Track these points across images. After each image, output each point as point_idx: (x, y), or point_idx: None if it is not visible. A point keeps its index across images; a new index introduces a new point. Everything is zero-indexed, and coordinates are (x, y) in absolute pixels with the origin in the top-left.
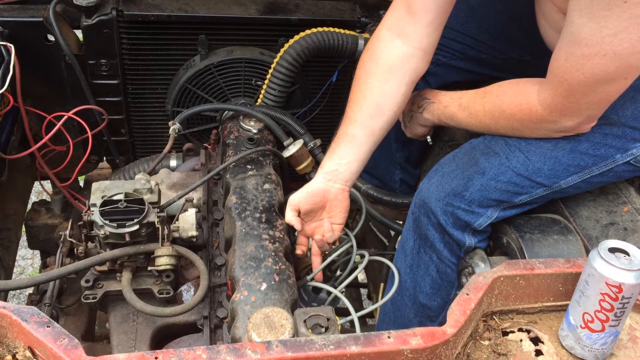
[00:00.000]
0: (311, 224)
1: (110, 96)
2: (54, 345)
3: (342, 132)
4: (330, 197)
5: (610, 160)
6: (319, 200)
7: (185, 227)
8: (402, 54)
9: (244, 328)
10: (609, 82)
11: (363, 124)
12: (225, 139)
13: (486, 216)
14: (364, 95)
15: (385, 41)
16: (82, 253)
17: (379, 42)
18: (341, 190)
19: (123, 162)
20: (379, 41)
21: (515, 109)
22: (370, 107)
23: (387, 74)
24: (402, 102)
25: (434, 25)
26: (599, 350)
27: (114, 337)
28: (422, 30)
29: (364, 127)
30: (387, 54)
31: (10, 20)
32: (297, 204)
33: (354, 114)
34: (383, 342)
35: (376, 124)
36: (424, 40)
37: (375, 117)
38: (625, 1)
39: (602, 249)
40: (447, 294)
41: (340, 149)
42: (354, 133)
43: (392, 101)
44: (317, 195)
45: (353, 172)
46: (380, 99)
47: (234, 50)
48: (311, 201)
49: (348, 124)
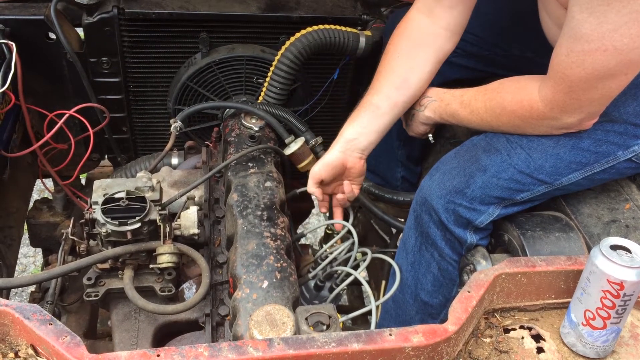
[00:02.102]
0: (331, 185)
1: (111, 94)
2: (56, 343)
3: (365, 102)
4: (349, 166)
5: (612, 157)
6: (339, 170)
7: (187, 225)
8: (430, 32)
9: (245, 325)
10: (610, 77)
11: (388, 95)
12: (227, 137)
13: (488, 214)
14: (391, 68)
15: (414, 20)
16: (84, 251)
17: (409, 21)
18: (358, 159)
19: (125, 160)
20: (409, 20)
21: (517, 106)
22: (397, 79)
23: (414, 49)
24: (427, 79)
25: (459, 8)
26: (600, 347)
27: (116, 334)
28: (448, 13)
29: (388, 98)
30: (416, 31)
31: (12, 18)
32: (319, 176)
33: (380, 85)
34: (385, 339)
35: (400, 97)
36: (450, 22)
37: (401, 90)
38: None
39: (603, 247)
40: (448, 291)
41: (362, 118)
42: (378, 103)
43: (419, 77)
44: (336, 167)
45: (371, 142)
46: (407, 72)
47: (235, 48)
48: (331, 172)
49: (373, 94)
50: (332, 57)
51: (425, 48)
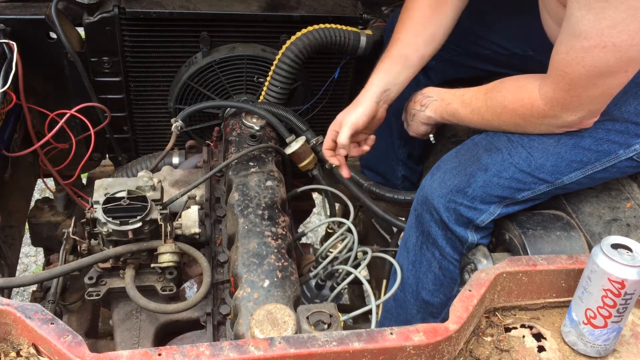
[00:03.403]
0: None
1: (112, 93)
2: (58, 342)
3: (394, 53)
4: (378, 116)
5: (613, 156)
6: (371, 119)
7: (188, 224)
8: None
9: (246, 325)
10: (610, 75)
11: (417, 48)
12: (228, 136)
13: (489, 212)
14: (420, 22)
15: None
16: (85, 250)
17: None
18: (385, 109)
19: (125, 159)
20: None
21: (517, 104)
22: (426, 34)
23: (441, 5)
24: (447, 35)
25: None
26: (601, 346)
27: (117, 333)
28: None
29: (417, 50)
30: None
31: (13, 18)
32: (356, 124)
33: (409, 38)
34: (386, 338)
35: (428, 51)
36: None
37: (429, 44)
38: None
39: (604, 245)
40: (449, 290)
41: (393, 69)
42: (408, 55)
43: (444, 32)
44: (371, 115)
45: (398, 94)
46: (435, 28)
47: (235, 47)
48: (366, 121)
49: (402, 46)
50: (332, 56)
51: (448, 6)
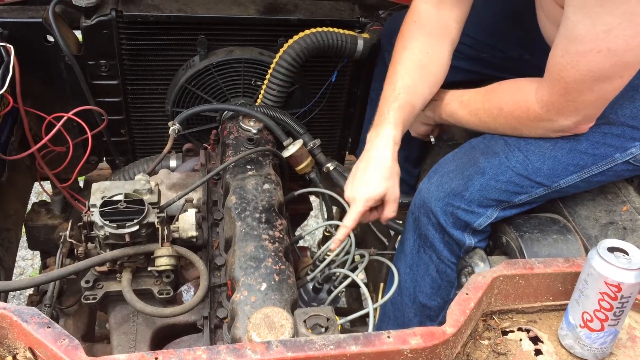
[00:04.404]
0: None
1: (109, 97)
2: (55, 346)
3: (403, 103)
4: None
5: (610, 160)
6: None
7: (185, 228)
8: (444, 25)
9: (244, 328)
10: (605, 80)
11: (423, 94)
12: (225, 139)
13: (486, 216)
14: (421, 65)
15: (426, 12)
16: (82, 254)
17: (421, 13)
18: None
19: (123, 162)
20: (420, 12)
21: (513, 107)
22: (430, 78)
23: (438, 44)
24: (446, 71)
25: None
26: (598, 349)
27: (114, 337)
28: (456, 4)
29: (423, 97)
30: (434, 24)
31: (10, 21)
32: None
33: (414, 84)
34: (383, 341)
35: (431, 95)
36: (458, 14)
37: (433, 88)
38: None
39: (601, 249)
40: (446, 293)
41: (405, 120)
42: (415, 104)
43: (444, 72)
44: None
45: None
46: (437, 70)
47: (233, 51)
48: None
49: (409, 94)
50: (330, 59)
51: (446, 41)
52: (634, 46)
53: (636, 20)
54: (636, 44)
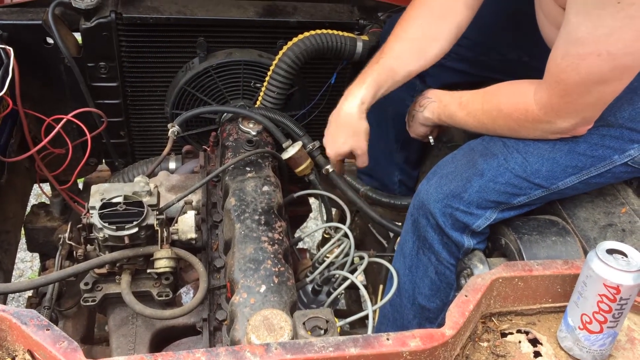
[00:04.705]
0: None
1: (109, 99)
2: (54, 348)
3: (383, 65)
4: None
5: (608, 162)
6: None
7: (185, 230)
8: (450, 6)
9: (243, 330)
10: (604, 82)
11: (407, 63)
12: (224, 141)
13: (485, 217)
14: (413, 36)
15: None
16: (81, 256)
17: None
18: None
19: (122, 164)
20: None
21: (512, 109)
22: (417, 49)
23: (437, 21)
24: (443, 54)
25: None
26: (597, 351)
27: (113, 339)
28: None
29: (406, 66)
30: (437, 2)
31: (10, 23)
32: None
33: (400, 51)
34: (382, 344)
35: (416, 67)
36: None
37: (419, 61)
38: (618, 1)
39: (600, 251)
40: (445, 295)
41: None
42: (396, 69)
43: (437, 50)
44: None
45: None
46: (427, 44)
47: (232, 53)
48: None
49: (391, 58)
50: (329, 61)
51: (447, 21)
52: (634, 50)
53: (637, 25)
54: (636, 48)
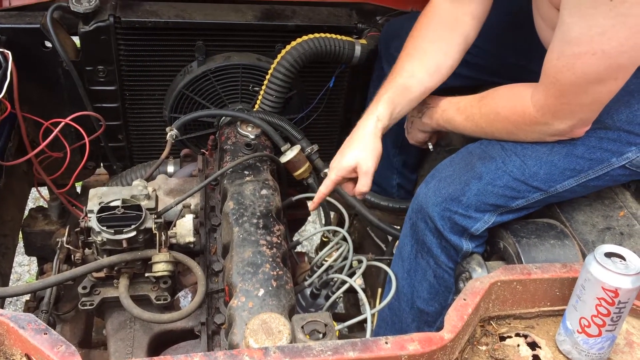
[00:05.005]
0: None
1: (107, 102)
2: (51, 353)
3: (398, 84)
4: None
5: (606, 164)
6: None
7: (183, 233)
8: (457, 18)
9: (241, 334)
10: (600, 82)
11: (421, 80)
12: (223, 145)
13: (483, 221)
14: (424, 51)
15: (440, 6)
16: (79, 260)
17: (435, 6)
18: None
19: (120, 168)
20: (435, 5)
21: (510, 112)
22: (431, 64)
23: (447, 34)
24: (455, 66)
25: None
26: (596, 355)
27: (111, 344)
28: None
29: (421, 83)
30: (445, 16)
31: (8, 27)
32: (370, 171)
33: (413, 68)
34: (380, 347)
35: (431, 83)
36: (475, 8)
37: (433, 76)
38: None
39: (598, 254)
40: (444, 299)
41: (395, 100)
42: (411, 87)
43: (450, 63)
44: (379, 155)
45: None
46: (441, 58)
47: (231, 56)
48: (377, 162)
49: (405, 77)
50: (327, 65)
51: (455, 34)
52: (628, 48)
53: (630, 23)
54: (630, 46)
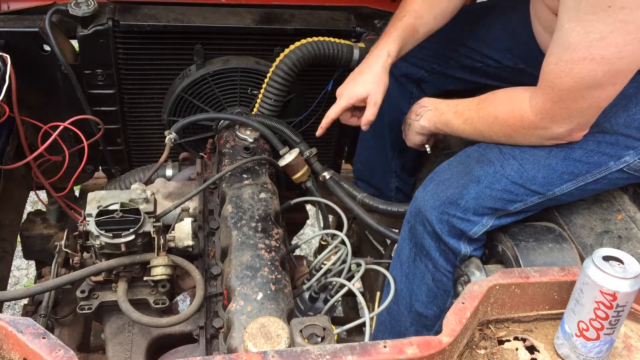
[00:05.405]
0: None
1: (106, 106)
2: (50, 357)
3: (405, 23)
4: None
5: (604, 168)
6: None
7: (181, 237)
8: None
9: (240, 338)
10: (598, 87)
11: (427, 22)
12: (221, 148)
13: (481, 224)
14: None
15: None
16: (78, 263)
17: None
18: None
19: (119, 171)
20: None
21: (508, 115)
22: (437, 9)
23: None
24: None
25: None
26: (594, 358)
27: (109, 348)
28: None
29: (426, 25)
30: None
31: (6, 30)
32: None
33: (422, 10)
34: (379, 351)
35: (434, 26)
36: None
37: (437, 20)
38: (609, 6)
39: (596, 257)
40: (443, 302)
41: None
42: (418, 28)
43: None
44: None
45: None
46: (444, 3)
47: (229, 60)
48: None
49: (414, 17)
50: (326, 68)
51: None
52: (626, 54)
53: (628, 29)
54: (628, 52)
